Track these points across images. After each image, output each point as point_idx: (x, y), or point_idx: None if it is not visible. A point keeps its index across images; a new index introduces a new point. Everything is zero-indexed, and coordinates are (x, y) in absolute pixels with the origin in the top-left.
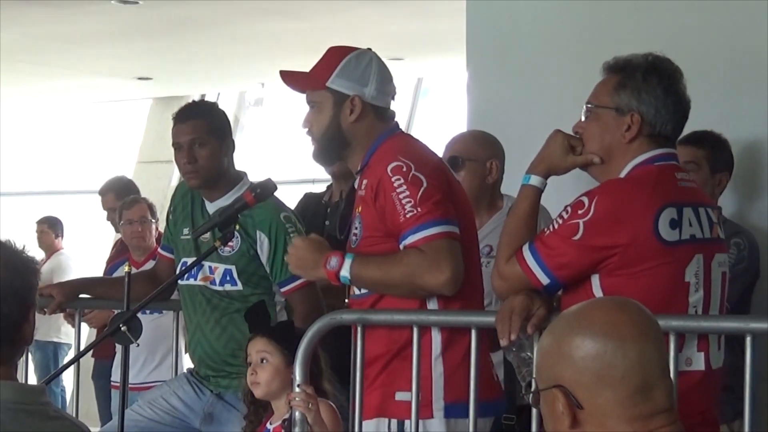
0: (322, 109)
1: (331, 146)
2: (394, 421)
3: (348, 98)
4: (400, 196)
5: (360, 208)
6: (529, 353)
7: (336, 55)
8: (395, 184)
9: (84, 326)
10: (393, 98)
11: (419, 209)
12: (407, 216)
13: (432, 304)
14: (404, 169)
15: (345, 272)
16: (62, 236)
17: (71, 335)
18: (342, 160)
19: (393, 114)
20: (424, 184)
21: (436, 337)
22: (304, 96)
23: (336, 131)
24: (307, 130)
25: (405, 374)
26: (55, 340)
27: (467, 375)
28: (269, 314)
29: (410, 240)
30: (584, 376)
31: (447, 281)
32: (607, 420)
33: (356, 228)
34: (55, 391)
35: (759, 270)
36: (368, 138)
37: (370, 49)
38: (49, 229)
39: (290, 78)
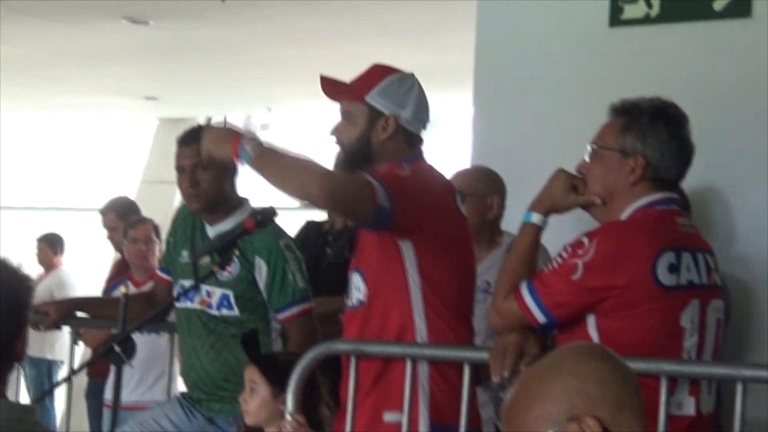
0: (356, 121)
1: (356, 159)
2: None
3: (383, 116)
4: None
5: None
6: None
7: (380, 72)
8: None
9: (79, 344)
10: (425, 127)
11: None
12: None
13: (421, 335)
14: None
15: (248, 145)
16: (62, 253)
17: (65, 352)
18: None
19: (421, 141)
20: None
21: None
22: (309, 122)
23: (365, 145)
24: (335, 139)
25: (392, 395)
26: (49, 357)
27: (453, 398)
28: (260, 343)
29: None
30: (606, 397)
31: (319, 196)
32: None
33: (360, 237)
34: (49, 408)
35: (729, 314)
36: (393, 159)
37: (413, 75)
38: (48, 247)
39: (329, 85)
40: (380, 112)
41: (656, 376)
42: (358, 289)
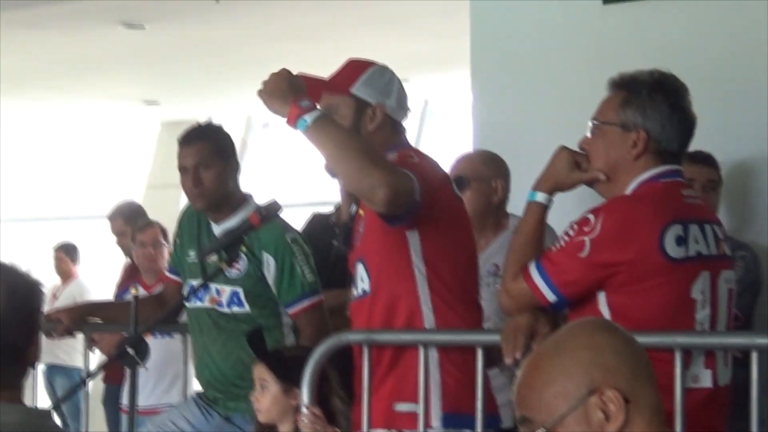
0: (343, 115)
1: None
2: None
3: (370, 106)
4: None
5: (362, 212)
6: None
7: (359, 65)
8: None
9: (95, 351)
10: (407, 115)
11: None
12: None
13: (428, 322)
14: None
15: (309, 116)
16: (78, 262)
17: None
18: None
19: (405, 130)
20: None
21: (433, 349)
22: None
23: None
24: None
25: (404, 385)
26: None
27: (465, 385)
28: (264, 339)
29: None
30: (622, 368)
31: (383, 199)
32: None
33: (360, 227)
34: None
35: (761, 284)
36: (382, 148)
37: (388, 67)
38: (67, 255)
39: (309, 83)
40: (367, 102)
41: (670, 350)
42: (362, 279)
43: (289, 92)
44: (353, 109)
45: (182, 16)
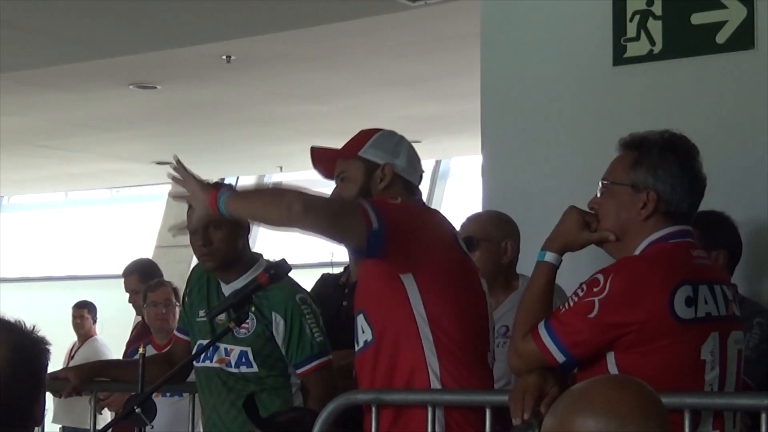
0: (353, 178)
1: None
2: None
3: (379, 166)
4: None
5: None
6: None
7: (367, 132)
8: None
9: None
10: (420, 178)
11: None
12: None
13: (435, 383)
14: None
15: (224, 189)
16: (96, 321)
17: (107, 420)
18: None
19: (419, 191)
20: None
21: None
22: (319, 179)
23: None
24: None
25: None
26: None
27: None
28: (257, 406)
29: None
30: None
31: (301, 210)
32: None
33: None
34: None
35: None
36: None
37: (397, 132)
38: (88, 314)
39: (320, 153)
40: (376, 163)
41: (679, 410)
42: (363, 330)
43: (202, 190)
44: (362, 171)
45: (194, 76)
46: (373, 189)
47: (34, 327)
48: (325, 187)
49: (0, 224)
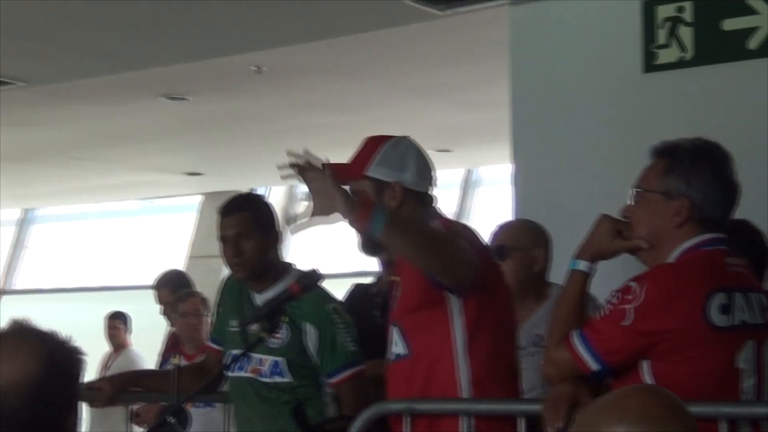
0: (367, 198)
1: None
2: None
3: (388, 185)
4: None
5: (399, 278)
6: None
7: (373, 144)
8: None
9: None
10: (433, 184)
11: None
12: None
13: (465, 392)
14: None
15: (381, 211)
16: (130, 331)
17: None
18: (386, 250)
19: (433, 199)
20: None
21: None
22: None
23: None
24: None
25: None
26: None
27: None
28: (307, 414)
29: None
30: None
31: (464, 276)
32: None
33: (397, 292)
34: None
35: None
36: None
37: (407, 137)
38: (122, 324)
39: (336, 168)
40: (384, 182)
41: (715, 420)
42: (396, 343)
43: (344, 192)
44: (373, 191)
45: (224, 88)
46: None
47: (69, 337)
48: None
49: (34, 236)
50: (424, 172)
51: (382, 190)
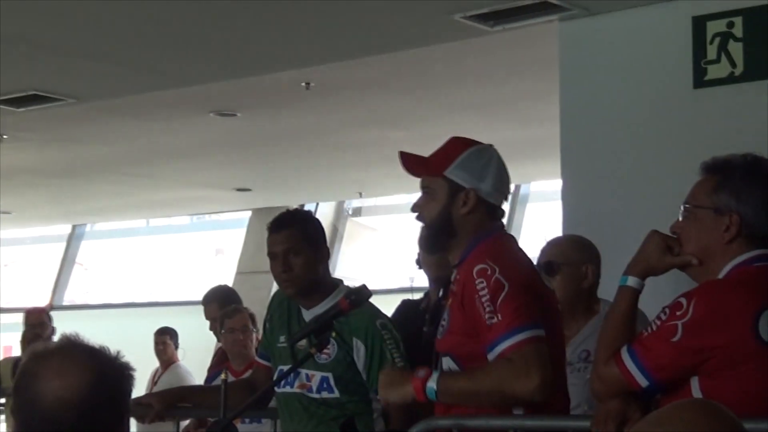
0: (436, 196)
1: (438, 234)
2: None
3: (463, 190)
4: (482, 300)
5: (450, 301)
6: None
7: (458, 145)
8: (478, 287)
9: None
10: (506, 198)
11: (499, 316)
12: (490, 324)
13: (516, 409)
14: (488, 272)
15: (432, 383)
16: (178, 347)
17: None
18: (445, 251)
19: (503, 213)
20: (506, 288)
21: None
22: (399, 204)
23: (446, 220)
24: (417, 214)
25: None
26: None
27: None
28: (357, 429)
29: (497, 350)
30: None
31: (537, 388)
32: None
33: (444, 319)
34: None
35: None
36: (474, 233)
37: (492, 146)
38: (171, 340)
39: (409, 160)
40: (460, 186)
41: None
42: (450, 367)
43: (401, 376)
44: (446, 192)
45: (273, 103)
46: (454, 211)
47: (118, 353)
48: (406, 213)
49: (83, 251)
50: (502, 185)
51: (455, 194)
